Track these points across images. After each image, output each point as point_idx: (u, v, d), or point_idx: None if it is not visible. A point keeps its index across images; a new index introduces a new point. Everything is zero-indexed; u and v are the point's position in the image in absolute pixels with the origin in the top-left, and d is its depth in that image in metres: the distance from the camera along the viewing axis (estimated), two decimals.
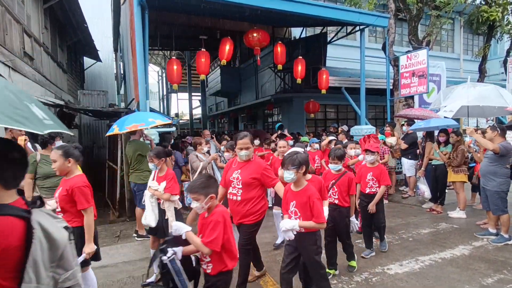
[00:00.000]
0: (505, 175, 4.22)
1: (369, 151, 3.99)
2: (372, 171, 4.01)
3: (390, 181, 3.79)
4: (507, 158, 4.13)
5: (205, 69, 8.11)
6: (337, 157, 3.51)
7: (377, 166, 4.04)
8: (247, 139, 3.01)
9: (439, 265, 3.76)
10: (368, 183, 4.02)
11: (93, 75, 16.60)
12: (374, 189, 4.00)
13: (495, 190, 4.28)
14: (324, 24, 9.75)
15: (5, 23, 6.10)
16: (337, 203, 3.52)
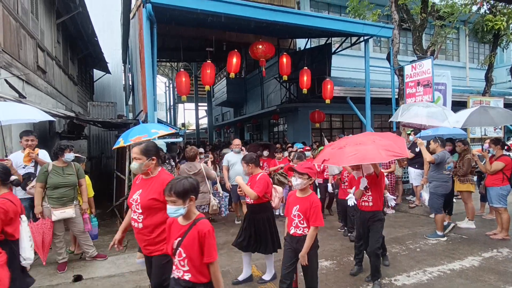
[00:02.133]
0: (440, 179, 4.93)
1: (297, 173, 2.85)
2: (300, 204, 2.85)
3: (322, 220, 2.76)
4: (442, 165, 4.89)
5: (210, 80, 8.26)
6: None
7: (308, 197, 2.85)
8: (137, 148, 2.45)
9: (448, 277, 3.71)
10: (293, 221, 2.86)
11: (102, 86, 16.96)
12: (300, 230, 2.83)
13: (431, 192, 5.02)
14: (329, 35, 9.88)
15: (20, 38, 6.34)
16: None
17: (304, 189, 2.87)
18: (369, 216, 3.54)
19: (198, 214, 2.06)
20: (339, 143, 3.35)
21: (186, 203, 1.95)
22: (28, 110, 4.10)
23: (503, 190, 4.85)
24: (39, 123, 5.71)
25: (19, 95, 5.42)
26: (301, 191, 2.89)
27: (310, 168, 2.86)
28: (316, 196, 2.90)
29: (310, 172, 2.83)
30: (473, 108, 5.21)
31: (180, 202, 1.93)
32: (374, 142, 3.02)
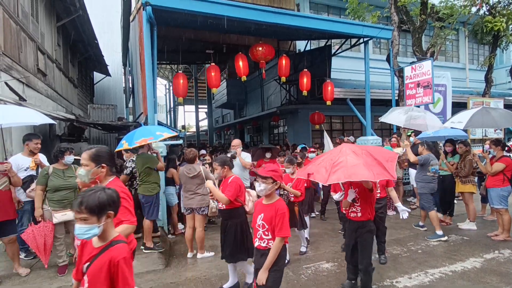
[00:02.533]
0: (425, 180, 5.22)
1: (259, 177, 2.54)
2: (264, 212, 2.53)
3: (289, 230, 2.45)
4: (426, 166, 5.19)
5: (216, 82, 8.31)
6: None
7: (273, 204, 2.52)
8: (86, 153, 2.21)
9: (450, 278, 3.69)
10: (258, 232, 2.55)
11: (102, 89, 17.00)
12: (264, 242, 2.50)
13: (419, 192, 5.40)
14: (329, 37, 9.89)
15: (20, 41, 6.36)
16: None
17: (269, 195, 2.55)
18: (358, 226, 3.22)
19: (117, 235, 1.67)
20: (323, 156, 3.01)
21: (101, 220, 1.57)
22: (28, 113, 4.10)
23: (504, 191, 4.84)
24: (39, 126, 5.72)
25: (19, 98, 5.43)
26: (267, 198, 2.56)
27: (274, 171, 2.54)
28: (282, 203, 2.56)
29: (275, 175, 2.50)
30: (475, 109, 5.20)
31: (93, 220, 1.54)
32: (364, 158, 2.69)
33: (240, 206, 3.42)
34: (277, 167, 2.79)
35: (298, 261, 4.23)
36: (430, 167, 5.15)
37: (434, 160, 5.19)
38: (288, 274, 3.89)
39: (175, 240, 5.37)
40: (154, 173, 4.75)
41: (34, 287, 3.64)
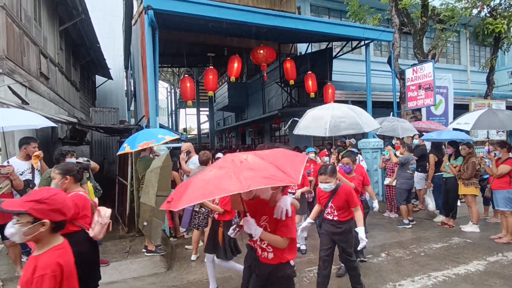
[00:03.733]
0: (405, 177, 5.91)
1: None
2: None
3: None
4: (406, 165, 5.88)
5: (213, 86, 8.31)
6: None
7: None
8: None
9: (453, 282, 3.67)
10: None
11: (104, 92, 17.06)
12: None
13: (397, 187, 6.01)
14: (330, 40, 9.92)
15: (23, 45, 6.40)
16: None
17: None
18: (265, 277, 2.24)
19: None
20: None
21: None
22: (30, 116, 4.12)
23: (510, 194, 4.80)
24: (41, 129, 5.74)
25: (22, 102, 5.46)
26: None
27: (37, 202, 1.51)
28: None
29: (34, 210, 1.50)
30: (481, 110, 5.19)
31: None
32: (236, 166, 1.74)
33: (78, 231, 2.51)
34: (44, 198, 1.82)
35: (300, 264, 4.21)
36: (410, 165, 5.91)
37: (413, 160, 5.96)
38: None
39: (176, 243, 5.36)
40: None
41: None
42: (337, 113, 3.54)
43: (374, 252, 4.62)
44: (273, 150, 2.06)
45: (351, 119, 3.25)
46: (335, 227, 3.22)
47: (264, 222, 2.15)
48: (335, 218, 3.22)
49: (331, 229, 3.25)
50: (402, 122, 6.26)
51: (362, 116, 3.35)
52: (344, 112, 3.29)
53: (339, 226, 3.21)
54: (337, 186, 3.17)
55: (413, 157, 6.05)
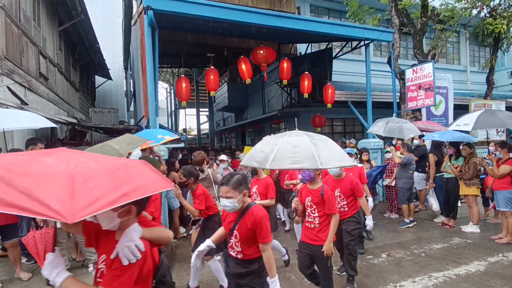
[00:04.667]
0: (407, 177, 6.01)
1: None
2: None
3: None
4: (408, 166, 6.02)
5: (214, 86, 8.32)
6: None
7: None
8: None
9: (454, 282, 3.66)
10: None
11: (104, 93, 17.05)
12: None
13: (400, 187, 6.03)
14: (329, 40, 9.91)
15: (22, 45, 6.39)
16: None
17: None
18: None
19: None
20: None
21: None
22: (29, 116, 4.11)
23: (511, 194, 4.79)
24: (41, 130, 5.73)
25: (21, 102, 5.44)
26: None
27: None
28: None
29: None
30: (479, 111, 5.18)
31: None
32: None
33: None
34: None
35: None
36: (411, 166, 6.07)
37: (413, 160, 6.18)
38: (291, 278, 3.87)
39: (176, 244, 5.34)
40: None
41: None
42: (289, 143, 2.58)
43: (375, 253, 4.60)
44: None
45: (305, 152, 2.37)
46: (240, 267, 2.32)
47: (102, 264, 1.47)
48: (239, 255, 2.30)
49: (234, 269, 2.35)
50: (405, 122, 6.29)
51: (325, 151, 2.45)
52: (301, 142, 2.47)
53: (245, 266, 2.30)
54: (248, 206, 2.26)
55: (413, 158, 6.15)
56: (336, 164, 2.49)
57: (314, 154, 2.29)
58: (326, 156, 2.33)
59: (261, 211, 2.24)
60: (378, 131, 6.45)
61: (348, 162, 2.51)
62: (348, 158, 2.58)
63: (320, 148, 2.37)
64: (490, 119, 4.86)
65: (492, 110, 5.20)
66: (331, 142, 2.60)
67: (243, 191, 2.20)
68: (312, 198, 3.01)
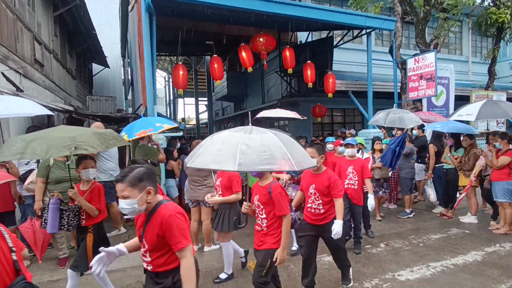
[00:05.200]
0: (409, 167, 6.00)
1: None
2: None
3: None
4: (411, 156, 6.00)
5: (219, 74, 8.26)
6: None
7: None
8: None
9: (451, 272, 3.68)
10: None
11: (101, 81, 16.85)
12: None
13: (403, 177, 5.97)
14: (330, 28, 9.75)
15: (17, 31, 6.23)
16: None
17: None
18: None
19: None
20: None
21: None
22: (25, 103, 4.03)
23: (509, 185, 4.78)
24: (37, 118, 5.65)
25: (16, 89, 5.35)
26: None
27: None
28: None
29: None
30: (481, 101, 5.12)
31: None
32: None
33: None
34: None
35: (299, 254, 4.21)
36: (414, 156, 6.09)
37: (415, 150, 6.21)
38: (290, 267, 3.88)
39: None
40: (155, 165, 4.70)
41: (35, 279, 3.61)
42: (255, 140, 2.13)
43: (373, 243, 4.63)
44: None
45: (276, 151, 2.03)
46: (151, 282, 1.93)
47: None
48: (149, 267, 1.89)
49: (148, 284, 1.97)
50: (406, 113, 6.23)
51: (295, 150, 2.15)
52: (268, 140, 2.10)
53: (157, 280, 1.89)
54: (155, 207, 1.83)
55: (415, 149, 6.13)
56: (309, 165, 2.17)
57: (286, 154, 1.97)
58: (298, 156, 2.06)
59: (170, 209, 1.79)
60: (379, 122, 6.42)
61: (311, 163, 2.28)
62: (310, 159, 2.33)
63: (289, 146, 2.06)
64: (492, 109, 4.81)
65: (494, 101, 5.14)
66: (294, 141, 2.29)
67: (145, 188, 1.76)
68: (260, 197, 2.60)
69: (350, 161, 4.34)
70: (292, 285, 3.46)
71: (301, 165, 2.03)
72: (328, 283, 3.49)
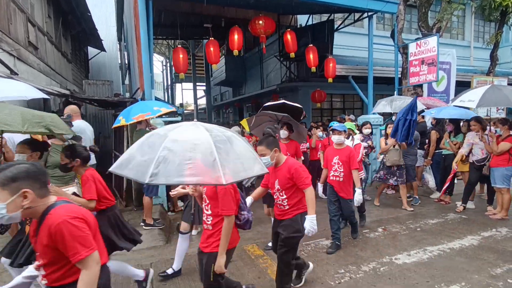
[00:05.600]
0: (414, 154, 5.88)
1: None
2: None
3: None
4: (415, 143, 5.78)
5: (215, 58, 8.06)
6: None
7: None
8: None
9: (448, 255, 3.73)
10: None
11: (97, 65, 16.57)
12: None
13: (409, 164, 5.74)
14: (331, 11, 9.52)
15: (10, 12, 6.05)
16: None
17: None
18: None
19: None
20: None
21: None
22: (20, 86, 3.94)
23: (508, 171, 4.80)
24: (33, 102, 5.55)
25: (10, 72, 5.23)
26: None
27: None
28: None
29: None
30: (485, 87, 5.05)
31: None
32: None
33: None
34: None
35: None
36: (418, 142, 5.92)
37: (419, 137, 6.00)
38: None
39: (175, 217, 5.38)
40: None
41: None
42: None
43: (371, 227, 4.67)
44: None
45: (205, 157, 1.74)
46: None
47: None
48: (43, 281, 1.60)
49: None
50: (409, 99, 6.19)
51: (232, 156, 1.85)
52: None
53: None
54: (46, 211, 1.50)
55: (419, 135, 5.97)
56: (251, 173, 1.79)
57: (216, 162, 1.60)
58: (235, 164, 1.71)
59: (60, 215, 1.46)
60: (384, 110, 6.36)
61: (257, 170, 1.81)
62: (260, 164, 1.85)
63: (223, 152, 1.68)
64: (496, 96, 4.74)
65: (498, 86, 5.05)
66: (239, 142, 1.88)
67: (18, 190, 1.42)
68: (207, 190, 2.28)
69: (337, 151, 3.94)
70: None
71: (238, 175, 1.67)
72: (327, 266, 3.53)
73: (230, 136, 1.85)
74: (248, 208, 2.42)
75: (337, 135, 3.91)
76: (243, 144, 1.88)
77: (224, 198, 2.14)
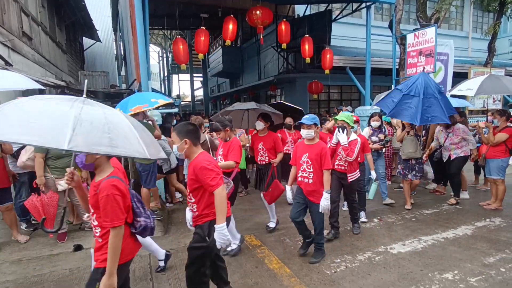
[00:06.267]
0: None
1: None
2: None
3: None
4: None
5: (204, 48, 7.96)
6: None
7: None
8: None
9: (442, 245, 3.80)
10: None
11: (93, 55, 16.37)
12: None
13: None
14: (329, 1, 9.43)
15: (3, 2, 5.94)
16: None
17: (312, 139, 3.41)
18: None
19: None
20: None
21: None
22: (16, 77, 3.90)
23: (504, 162, 4.84)
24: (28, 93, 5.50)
25: (5, 63, 5.17)
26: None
27: None
28: None
29: None
30: (482, 76, 5.05)
31: None
32: None
33: None
34: None
35: (294, 228, 4.30)
36: None
37: None
38: (286, 241, 3.98)
39: (173, 209, 5.42)
40: None
41: (34, 253, 3.69)
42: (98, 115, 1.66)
43: (367, 217, 4.73)
44: None
45: (121, 132, 1.64)
46: None
47: None
48: None
49: None
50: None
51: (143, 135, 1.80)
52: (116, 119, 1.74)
53: None
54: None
55: None
56: (161, 156, 1.78)
57: (137, 138, 1.59)
58: (151, 144, 1.70)
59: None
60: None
61: (163, 155, 1.84)
62: (143, 149, 1.62)
63: (140, 131, 1.69)
64: (494, 84, 4.74)
65: (496, 75, 5.06)
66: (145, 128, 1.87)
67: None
68: (90, 199, 1.95)
69: (307, 147, 3.34)
70: (288, 257, 3.56)
71: (154, 155, 1.67)
72: None
73: (112, 114, 1.66)
74: (147, 213, 2.02)
75: (306, 129, 3.30)
76: (126, 123, 1.68)
77: (106, 208, 1.76)
